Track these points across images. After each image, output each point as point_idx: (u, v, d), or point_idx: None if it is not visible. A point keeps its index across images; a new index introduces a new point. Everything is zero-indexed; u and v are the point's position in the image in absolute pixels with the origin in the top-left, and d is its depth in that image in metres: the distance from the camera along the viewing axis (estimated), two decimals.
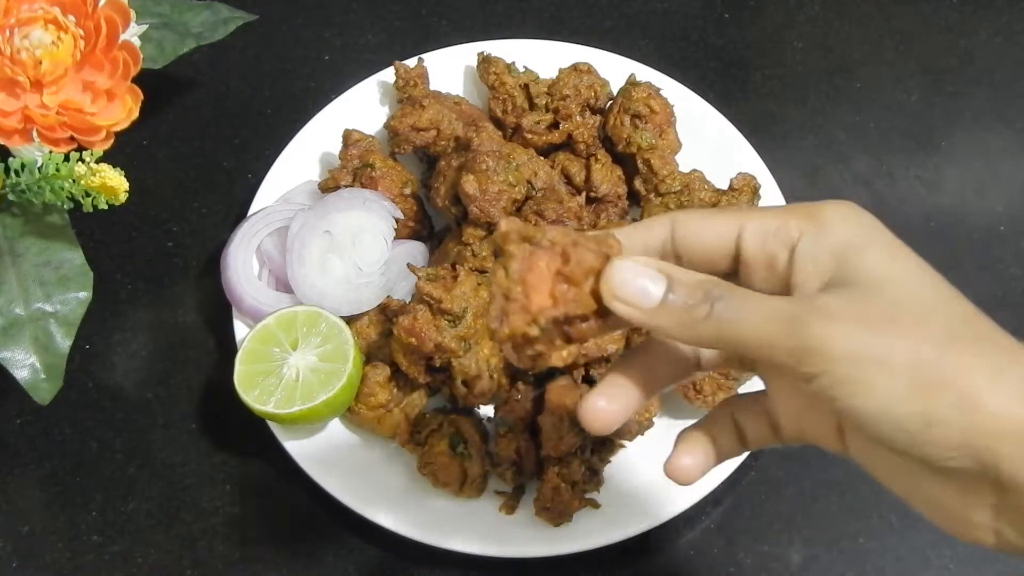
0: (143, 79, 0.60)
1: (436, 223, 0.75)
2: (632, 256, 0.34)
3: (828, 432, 0.36)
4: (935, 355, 0.30)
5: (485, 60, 0.76)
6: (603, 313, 0.34)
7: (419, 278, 0.63)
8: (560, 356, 0.34)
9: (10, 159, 0.59)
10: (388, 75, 0.78)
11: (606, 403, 0.37)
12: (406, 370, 0.64)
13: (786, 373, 0.32)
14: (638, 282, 0.33)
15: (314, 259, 0.68)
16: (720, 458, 0.40)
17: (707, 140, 0.75)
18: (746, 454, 0.45)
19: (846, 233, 0.33)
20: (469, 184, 0.66)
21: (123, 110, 0.59)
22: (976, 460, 0.30)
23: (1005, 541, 0.32)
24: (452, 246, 0.69)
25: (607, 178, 0.72)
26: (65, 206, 0.60)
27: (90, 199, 0.59)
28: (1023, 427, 0.29)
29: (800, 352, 0.31)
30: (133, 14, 0.59)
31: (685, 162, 0.73)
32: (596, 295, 0.34)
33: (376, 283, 0.68)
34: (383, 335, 0.68)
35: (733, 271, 0.36)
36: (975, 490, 0.31)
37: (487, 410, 0.68)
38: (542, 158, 0.71)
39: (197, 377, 0.72)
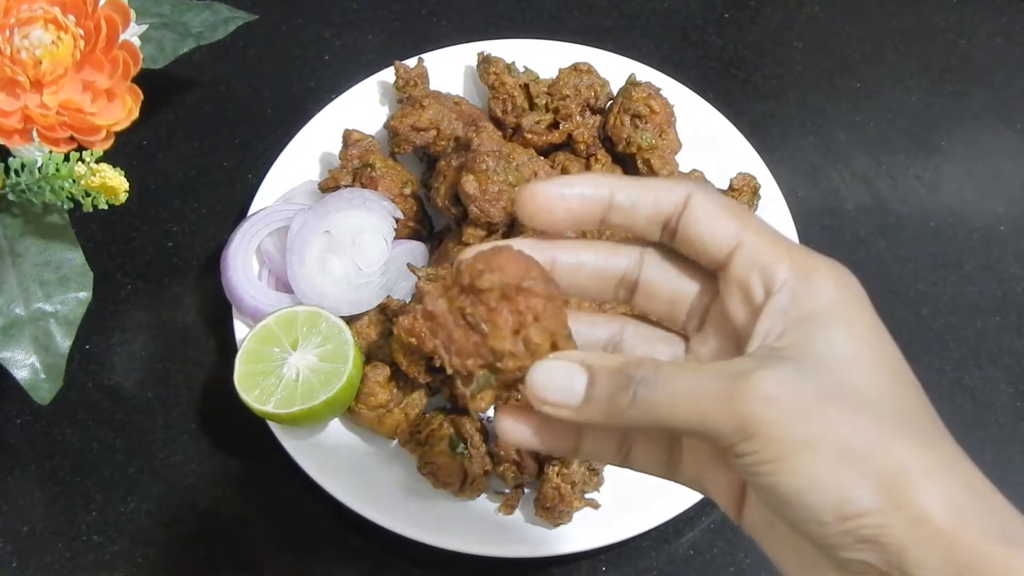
0: (143, 79, 0.60)
1: (436, 223, 0.75)
2: (548, 359, 0.32)
3: (728, 495, 0.35)
4: (871, 444, 0.29)
5: (485, 60, 0.76)
6: None
7: (419, 278, 0.63)
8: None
9: (10, 159, 0.59)
10: (388, 75, 0.78)
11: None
12: (406, 370, 0.64)
13: (720, 451, 0.30)
14: (560, 380, 0.32)
15: (314, 259, 0.68)
16: (579, 453, 0.36)
17: (707, 140, 0.75)
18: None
19: (826, 301, 0.31)
20: (469, 184, 0.66)
21: (123, 110, 0.59)
22: (885, 560, 0.28)
23: None
24: (452, 246, 0.69)
25: None
26: (65, 206, 0.60)
27: (90, 199, 0.59)
28: (943, 535, 0.28)
29: (734, 434, 0.29)
30: (133, 14, 0.59)
31: (685, 162, 0.73)
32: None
33: (376, 283, 0.68)
34: (383, 335, 0.68)
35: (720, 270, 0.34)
36: None
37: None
38: (542, 158, 0.71)
39: (197, 377, 0.72)
